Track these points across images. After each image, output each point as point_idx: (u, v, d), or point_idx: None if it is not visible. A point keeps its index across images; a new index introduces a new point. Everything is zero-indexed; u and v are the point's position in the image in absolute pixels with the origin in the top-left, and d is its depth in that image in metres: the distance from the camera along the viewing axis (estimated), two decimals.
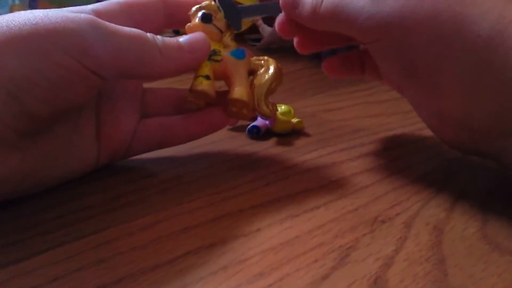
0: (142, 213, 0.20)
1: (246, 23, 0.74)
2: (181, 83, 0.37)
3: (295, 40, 0.27)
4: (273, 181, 0.23)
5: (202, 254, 0.17)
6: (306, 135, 0.29)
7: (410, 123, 0.30)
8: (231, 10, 0.24)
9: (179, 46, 0.21)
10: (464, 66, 0.19)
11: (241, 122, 0.30)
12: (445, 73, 0.20)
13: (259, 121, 0.29)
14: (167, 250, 0.17)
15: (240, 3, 0.26)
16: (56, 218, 0.19)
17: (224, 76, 0.23)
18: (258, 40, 0.64)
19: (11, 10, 0.52)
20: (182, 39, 0.22)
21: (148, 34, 0.21)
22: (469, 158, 0.25)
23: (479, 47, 0.19)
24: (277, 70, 0.24)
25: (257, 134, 0.28)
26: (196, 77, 0.22)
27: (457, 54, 0.19)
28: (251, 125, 0.28)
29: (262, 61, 0.24)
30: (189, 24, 0.23)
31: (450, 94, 0.20)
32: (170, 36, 0.22)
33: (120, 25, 0.20)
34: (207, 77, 0.22)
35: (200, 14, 0.23)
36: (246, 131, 0.28)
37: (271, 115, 0.24)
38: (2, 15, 0.18)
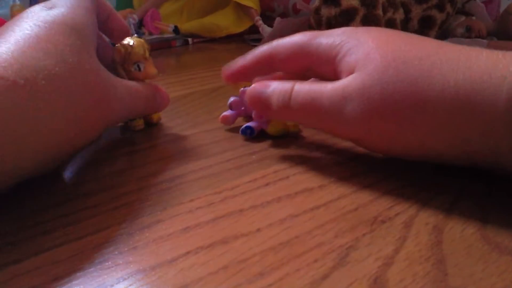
0: (142, 212, 0.20)
1: (246, 24, 0.74)
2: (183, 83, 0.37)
3: None
4: (273, 181, 0.23)
5: (202, 254, 0.17)
6: (304, 137, 0.29)
7: None
8: None
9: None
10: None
11: (237, 123, 0.30)
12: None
13: (253, 122, 0.28)
14: (167, 250, 0.17)
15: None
16: (56, 218, 0.19)
17: None
18: (258, 40, 0.64)
19: (11, 10, 0.52)
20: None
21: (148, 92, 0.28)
22: None
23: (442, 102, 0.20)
24: None
25: (250, 135, 0.28)
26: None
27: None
28: (245, 126, 0.28)
29: None
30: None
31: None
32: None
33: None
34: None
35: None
36: (240, 132, 0.28)
37: None
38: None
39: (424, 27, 0.55)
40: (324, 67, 0.25)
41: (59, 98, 0.20)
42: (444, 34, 0.59)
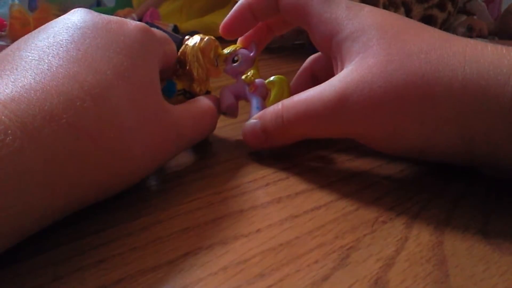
0: (142, 213, 0.20)
1: None
2: None
3: None
4: (273, 181, 0.23)
5: (202, 254, 0.17)
6: None
7: None
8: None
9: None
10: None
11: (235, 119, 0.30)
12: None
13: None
14: (167, 251, 0.17)
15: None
16: None
17: None
18: None
19: (11, 10, 0.52)
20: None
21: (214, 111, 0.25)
22: None
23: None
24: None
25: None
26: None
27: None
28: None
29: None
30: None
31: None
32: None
33: None
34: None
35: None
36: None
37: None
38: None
39: None
40: (318, 35, 0.24)
41: (146, 133, 0.19)
42: None
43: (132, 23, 0.20)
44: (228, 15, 0.27)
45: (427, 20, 0.55)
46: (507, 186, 0.22)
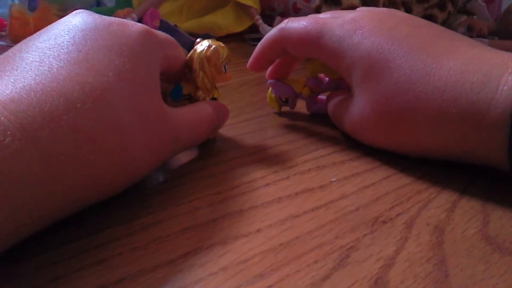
0: (142, 213, 0.20)
1: (245, 23, 0.74)
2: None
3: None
4: (273, 181, 0.23)
5: (202, 254, 0.17)
6: (304, 138, 0.29)
7: None
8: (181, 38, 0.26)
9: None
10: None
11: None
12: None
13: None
14: (167, 251, 0.17)
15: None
16: None
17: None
18: (258, 39, 0.64)
19: (11, 10, 0.52)
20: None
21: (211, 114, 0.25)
22: None
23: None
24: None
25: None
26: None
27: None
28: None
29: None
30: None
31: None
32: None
33: None
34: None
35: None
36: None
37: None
38: None
39: None
40: (332, 61, 0.27)
41: (145, 135, 0.19)
42: None
43: (134, 25, 0.20)
44: (251, 58, 0.31)
45: (427, 20, 0.55)
46: (507, 186, 0.22)
